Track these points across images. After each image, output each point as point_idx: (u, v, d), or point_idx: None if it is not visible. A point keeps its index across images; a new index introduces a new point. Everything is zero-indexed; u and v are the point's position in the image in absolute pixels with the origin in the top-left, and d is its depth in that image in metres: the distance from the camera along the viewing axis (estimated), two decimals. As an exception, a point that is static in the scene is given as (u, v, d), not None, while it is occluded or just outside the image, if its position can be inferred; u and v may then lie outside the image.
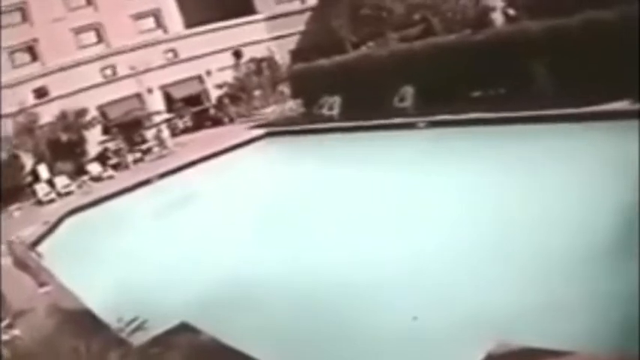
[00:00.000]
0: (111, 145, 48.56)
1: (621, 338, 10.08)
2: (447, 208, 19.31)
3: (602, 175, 17.62)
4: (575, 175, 18.38)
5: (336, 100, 38.73)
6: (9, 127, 45.72)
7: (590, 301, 11.81)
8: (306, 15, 58.63)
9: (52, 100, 48.69)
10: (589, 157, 19.34)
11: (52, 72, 49.42)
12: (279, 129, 41.18)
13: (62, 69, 49.57)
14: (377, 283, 14.85)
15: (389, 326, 12.94)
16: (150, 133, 49.98)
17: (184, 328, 13.72)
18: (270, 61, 56.45)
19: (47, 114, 47.41)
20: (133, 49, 52.74)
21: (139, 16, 56.41)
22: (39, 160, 45.42)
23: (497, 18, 33.27)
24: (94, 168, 44.81)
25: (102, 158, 47.01)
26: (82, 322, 15.82)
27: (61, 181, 41.96)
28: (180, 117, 55.00)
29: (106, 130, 50.55)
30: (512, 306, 12.38)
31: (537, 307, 12.12)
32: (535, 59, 26.35)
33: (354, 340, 12.90)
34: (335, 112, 38.45)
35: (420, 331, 12.45)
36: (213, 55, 55.36)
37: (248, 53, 56.60)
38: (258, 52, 56.40)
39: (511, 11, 33.16)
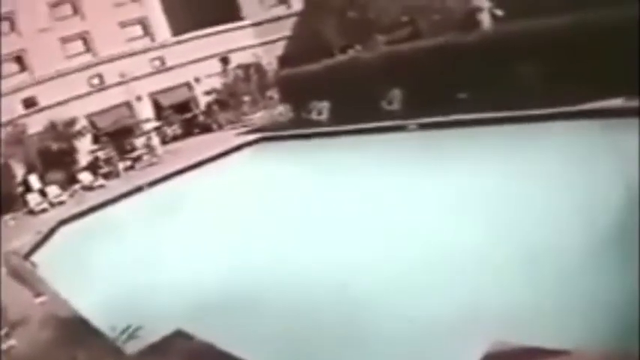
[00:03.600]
0: (101, 154, 48.47)
1: (621, 337, 10.13)
2: (440, 209, 19.35)
3: (593, 173, 17.61)
4: (566, 174, 18.44)
5: (324, 105, 38.87)
6: (-1, 137, 45.64)
7: (589, 301, 11.84)
8: (293, 20, 58.75)
9: (41, 109, 48.69)
10: (580, 156, 19.37)
11: (40, 82, 49.40)
12: (269, 134, 41.21)
13: (50, 79, 49.60)
14: (372, 286, 14.96)
15: (385, 328, 13.03)
16: (139, 141, 50.05)
17: (180, 335, 13.76)
18: (257, 66, 56.55)
19: (36, 124, 47.39)
20: (120, 58, 52.81)
21: (126, 24, 56.47)
22: (30, 170, 45.43)
23: (485, 19, 33.41)
24: (86, 177, 44.79)
25: (93, 167, 46.98)
26: (78, 331, 15.90)
27: (52, 190, 41.94)
28: (170, 124, 55.12)
29: (95, 139, 50.65)
30: (510, 305, 12.51)
31: (536, 306, 12.26)
32: (523, 59, 26.39)
33: (349, 343, 12.97)
34: (324, 116, 38.60)
35: (417, 332, 12.51)
36: (201, 62, 55.57)
37: (235, 59, 56.77)
38: (246, 57, 56.54)
39: (498, 12, 33.29)
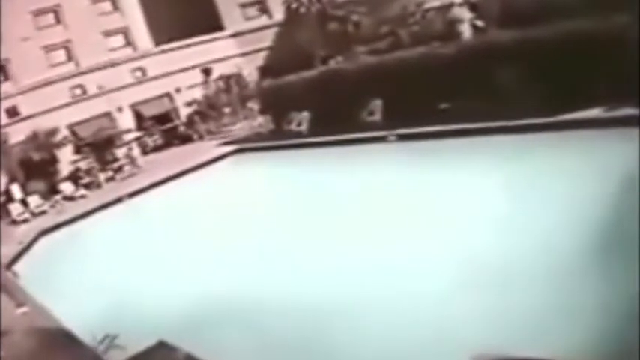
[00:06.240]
0: (82, 165, 48.62)
1: (620, 345, 10.29)
2: (421, 221, 19.24)
3: (575, 184, 17.64)
4: (546, 184, 18.58)
5: (305, 116, 38.74)
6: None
7: (587, 307, 11.82)
8: (274, 30, 58.91)
9: (24, 119, 48.82)
10: (563, 165, 19.58)
11: (22, 91, 49.39)
12: (249, 145, 41.44)
13: (33, 88, 49.65)
14: (355, 299, 14.90)
15: (371, 339, 13.08)
16: (121, 152, 50.11)
17: (162, 346, 13.76)
18: (238, 77, 56.63)
19: (18, 133, 47.50)
20: (102, 68, 52.90)
21: (109, 34, 56.52)
22: (12, 179, 45.44)
23: (465, 30, 33.62)
24: (67, 187, 44.79)
25: (74, 178, 46.97)
26: (61, 341, 15.98)
27: (34, 200, 42.02)
28: (150, 135, 55.30)
29: (77, 149, 50.71)
30: (496, 316, 12.51)
31: (533, 311, 12.34)
32: (503, 70, 26.29)
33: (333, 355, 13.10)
34: (304, 127, 38.46)
35: (399, 346, 12.57)
36: (182, 73, 55.79)
37: (217, 70, 56.91)
38: (227, 68, 56.68)
39: (479, 23, 33.51)
